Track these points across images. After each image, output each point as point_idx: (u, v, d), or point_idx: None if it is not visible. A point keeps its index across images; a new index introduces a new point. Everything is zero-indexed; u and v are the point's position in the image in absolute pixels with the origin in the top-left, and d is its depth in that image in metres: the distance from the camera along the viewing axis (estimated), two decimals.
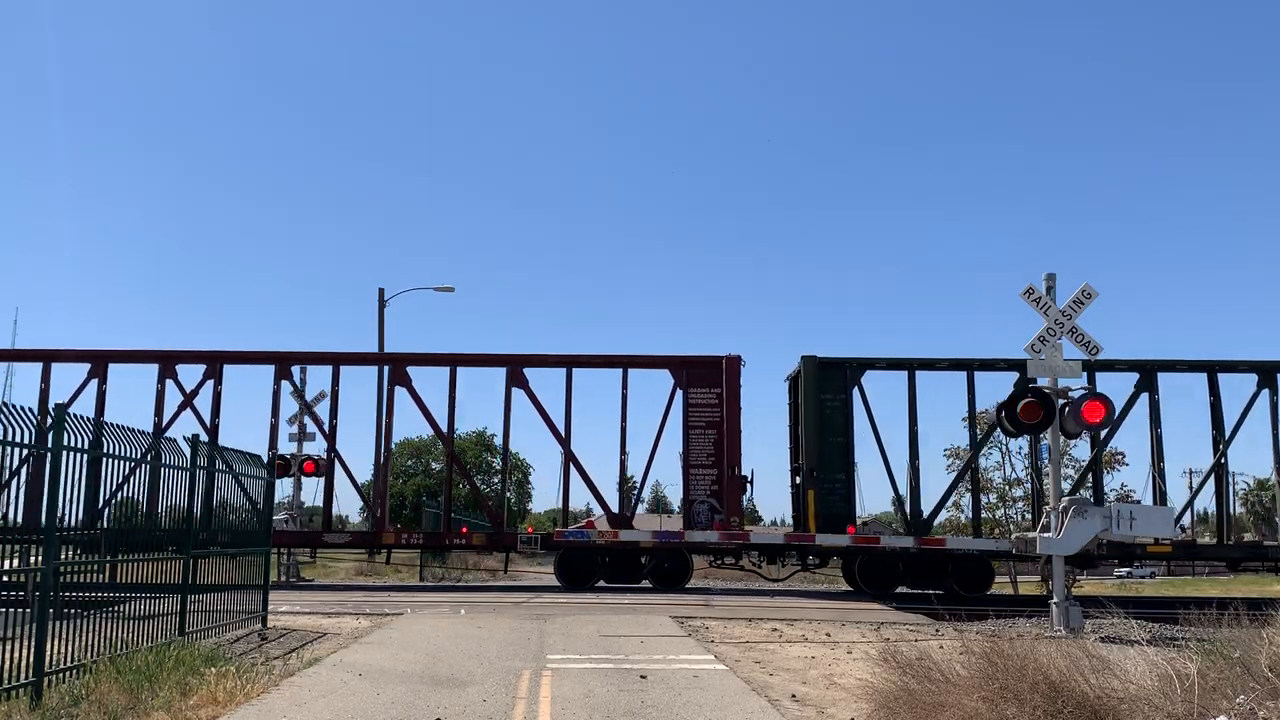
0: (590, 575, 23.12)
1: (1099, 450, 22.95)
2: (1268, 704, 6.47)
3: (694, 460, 23.33)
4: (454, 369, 23.89)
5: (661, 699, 8.97)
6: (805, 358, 22.67)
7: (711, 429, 23.30)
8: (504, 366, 23.89)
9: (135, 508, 10.60)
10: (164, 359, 23.96)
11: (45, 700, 7.94)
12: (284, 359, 24.21)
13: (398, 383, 23.87)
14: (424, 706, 8.47)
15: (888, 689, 8.12)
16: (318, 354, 24.75)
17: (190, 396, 23.84)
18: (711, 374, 23.53)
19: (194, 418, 23.88)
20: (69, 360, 23.91)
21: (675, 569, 23.08)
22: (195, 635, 11.50)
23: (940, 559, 21.87)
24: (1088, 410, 15.05)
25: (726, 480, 22.86)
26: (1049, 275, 15.60)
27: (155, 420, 23.66)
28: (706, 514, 23.12)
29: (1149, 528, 15.31)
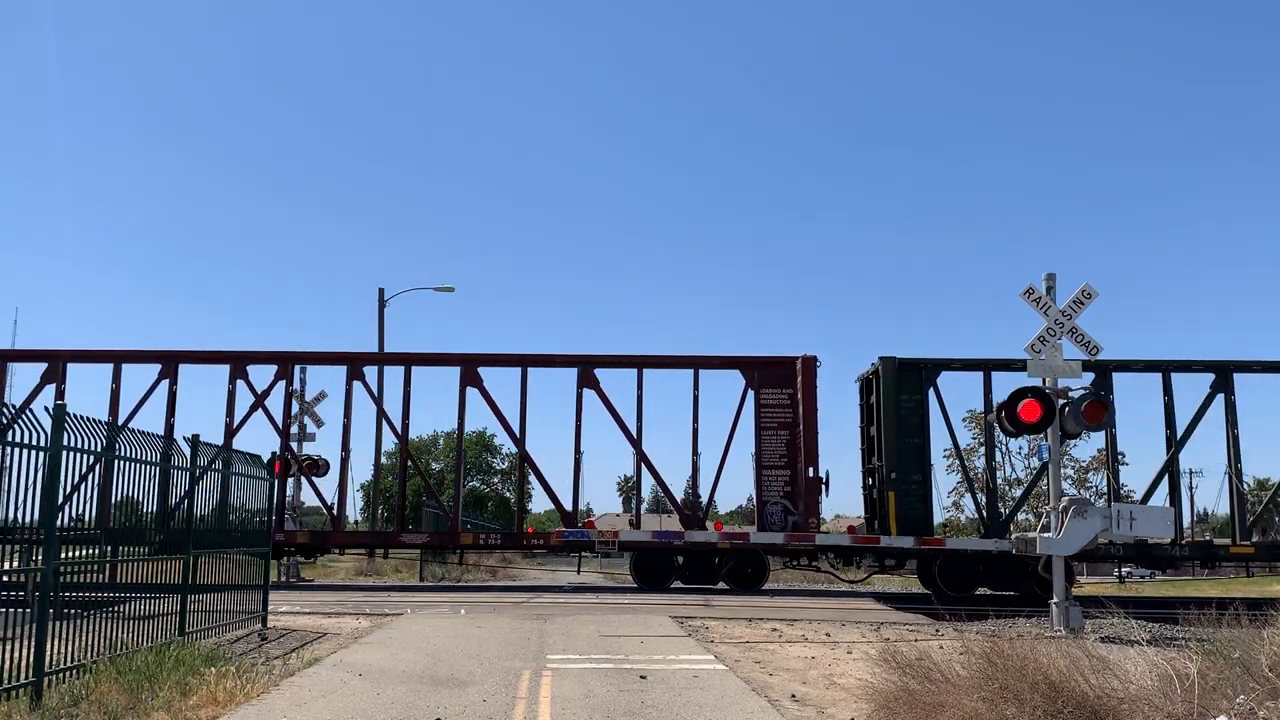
0: (666, 576, 22.96)
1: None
2: (1268, 704, 6.46)
3: (766, 461, 23.25)
4: (525, 369, 23.82)
5: (661, 699, 8.97)
6: (884, 359, 22.38)
7: (783, 430, 23.23)
8: (575, 367, 23.83)
9: (136, 506, 10.59)
10: (236, 359, 24.06)
11: (45, 700, 7.93)
12: (355, 359, 24.25)
13: (469, 383, 23.81)
14: (424, 706, 8.47)
15: (888, 689, 8.11)
16: (392, 355, 24.68)
17: (262, 397, 23.95)
18: (783, 374, 23.48)
19: (265, 418, 24.09)
20: (139, 361, 24.16)
21: (752, 571, 22.89)
22: (195, 635, 11.50)
23: (1021, 560, 21.32)
24: (1088, 410, 15.05)
25: (804, 481, 22.61)
26: (1049, 275, 15.61)
27: (226, 421, 23.90)
28: (780, 515, 23.00)
29: (1149, 528, 15.30)
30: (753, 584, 22.87)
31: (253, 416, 24.14)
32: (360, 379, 24.05)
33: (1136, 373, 22.65)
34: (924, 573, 22.52)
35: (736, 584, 22.76)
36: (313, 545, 24.62)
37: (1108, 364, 22.11)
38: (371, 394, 24.54)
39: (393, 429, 24.57)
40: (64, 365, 23.80)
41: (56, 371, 23.76)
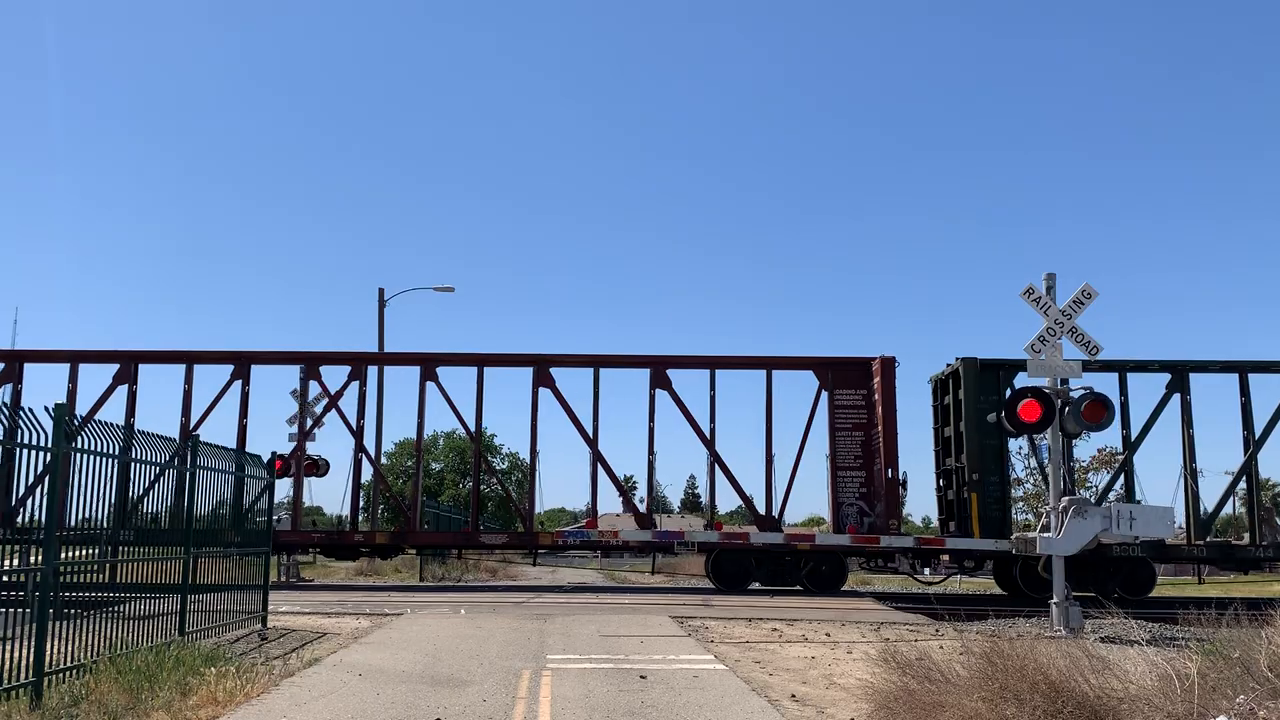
0: (745, 577, 22.84)
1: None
2: (1268, 704, 6.47)
3: (841, 462, 23.15)
4: (597, 370, 23.77)
5: (661, 699, 8.98)
6: (965, 359, 22.33)
7: (858, 430, 23.15)
8: (648, 368, 23.77)
9: (136, 506, 10.60)
10: (309, 360, 24.13)
11: (45, 700, 7.94)
12: (430, 359, 24.16)
13: (541, 384, 23.76)
14: (424, 706, 8.47)
15: (888, 689, 8.12)
16: (462, 355, 24.47)
17: (335, 397, 23.93)
18: (857, 375, 23.39)
19: (339, 418, 24.13)
20: (211, 362, 24.27)
21: (832, 572, 22.73)
22: (195, 635, 11.50)
23: (1105, 562, 21.38)
24: (1088, 410, 15.06)
25: (883, 482, 22.45)
26: (1049, 275, 15.60)
27: (299, 420, 24.00)
28: (856, 516, 22.92)
29: (1149, 528, 15.30)
30: (832, 585, 22.58)
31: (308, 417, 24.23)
32: (434, 379, 23.90)
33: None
34: (1002, 574, 22.23)
35: (815, 585, 22.49)
36: (390, 545, 24.49)
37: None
38: (445, 393, 24.25)
39: (465, 428, 24.42)
40: (135, 366, 23.87)
41: (129, 372, 23.83)
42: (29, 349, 24.19)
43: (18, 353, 23.98)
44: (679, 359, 24.06)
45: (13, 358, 23.83)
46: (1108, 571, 21.40)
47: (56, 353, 24.19)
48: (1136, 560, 21.62)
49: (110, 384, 23.63)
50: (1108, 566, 21.44)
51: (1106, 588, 20.95)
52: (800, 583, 22.58)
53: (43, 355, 24.25)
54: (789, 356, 24.20)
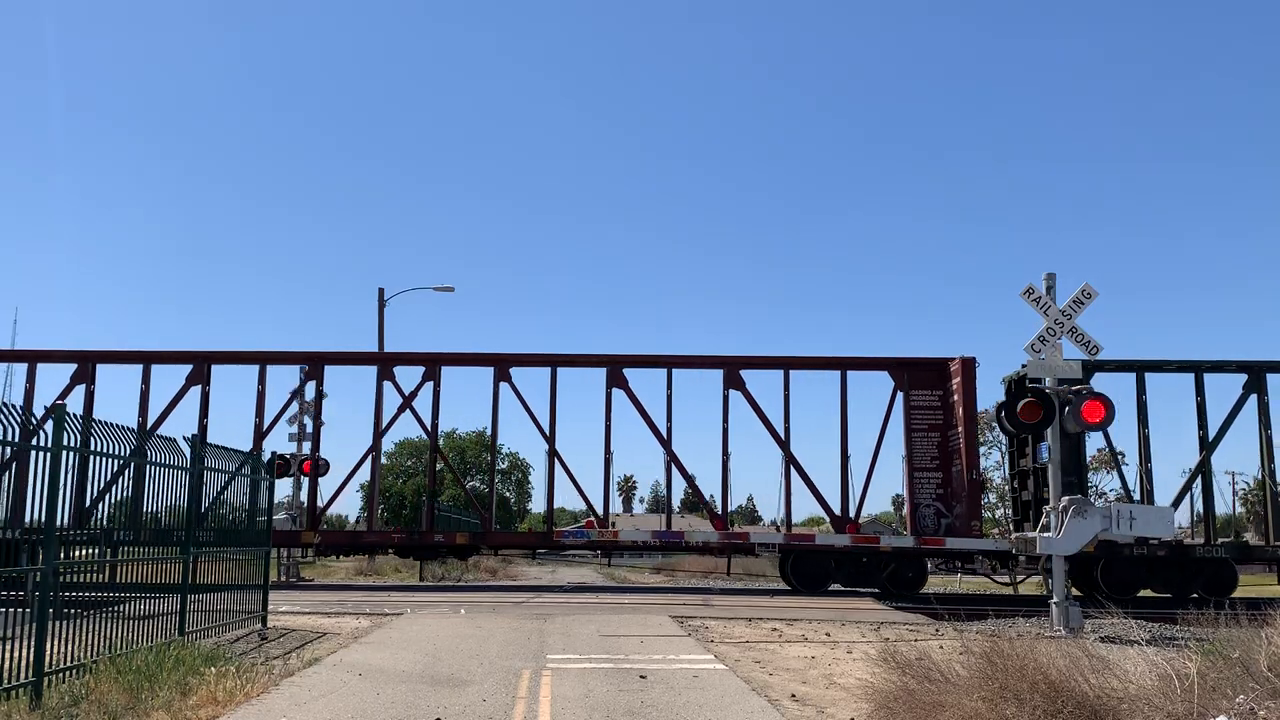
0: (825, 579, 22.69)
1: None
2: (1267, 704, 6.47)
3: (917, 463, 23.05)
4: (670, 371, 23.73)
5: (661, 699, 8.98)
6: None
7: (934, 431, 23.07)
8: (720, 369, 23.69)
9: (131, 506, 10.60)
10: (383, 360, 24.14)
11: (45, 700, 7.93)
12: (500, 360, 24.15)
13: (615, 385, 23.70)
14: (424, 706, 8.47)
15: (887, 689, 8.12)
16: (535, 356, 24.44)
17: (409, 398, 23.88)
18: (933, 376, 23.32)
19: (413, 419, 24.11)
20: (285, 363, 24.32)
21: (913, 574, 22.62)
22: (195, 635, 11.50)
23: (1188, 563, 21.22)
24: (1088, 410, 15.06)
25: (965, 483, 22.30)
26: (1049, 275, 15.60)
27: (376, 420, 23.99)
28: (932, 517, 22.81)
29: (1148, 528, 15.30)
30: (913, 587, 22.41)
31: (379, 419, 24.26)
32: (508, 380, 23.88)
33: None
34: (1082, 575, 22.02)
35: (896, 586, 22.30)
36: (469, 546, 24.48)
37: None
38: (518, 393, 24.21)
39: (542, 433, 24.14)
40: (208, 367, 23.97)
41: (201, 372, 23.97)
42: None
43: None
44: (752, 359, 23.98)
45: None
46: (1190, 573, 21.24)
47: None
48: (1219, 561, 21.42)
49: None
50: (1190, 568, 21.29)
51: (1188, 589, 20.79)
52: (880, 585, 22.34)
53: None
54: (864, 357, 24.05)
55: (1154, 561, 21.24)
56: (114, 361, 24.39)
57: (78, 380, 23.71)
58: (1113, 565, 21.31)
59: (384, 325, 34.56)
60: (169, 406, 23.95)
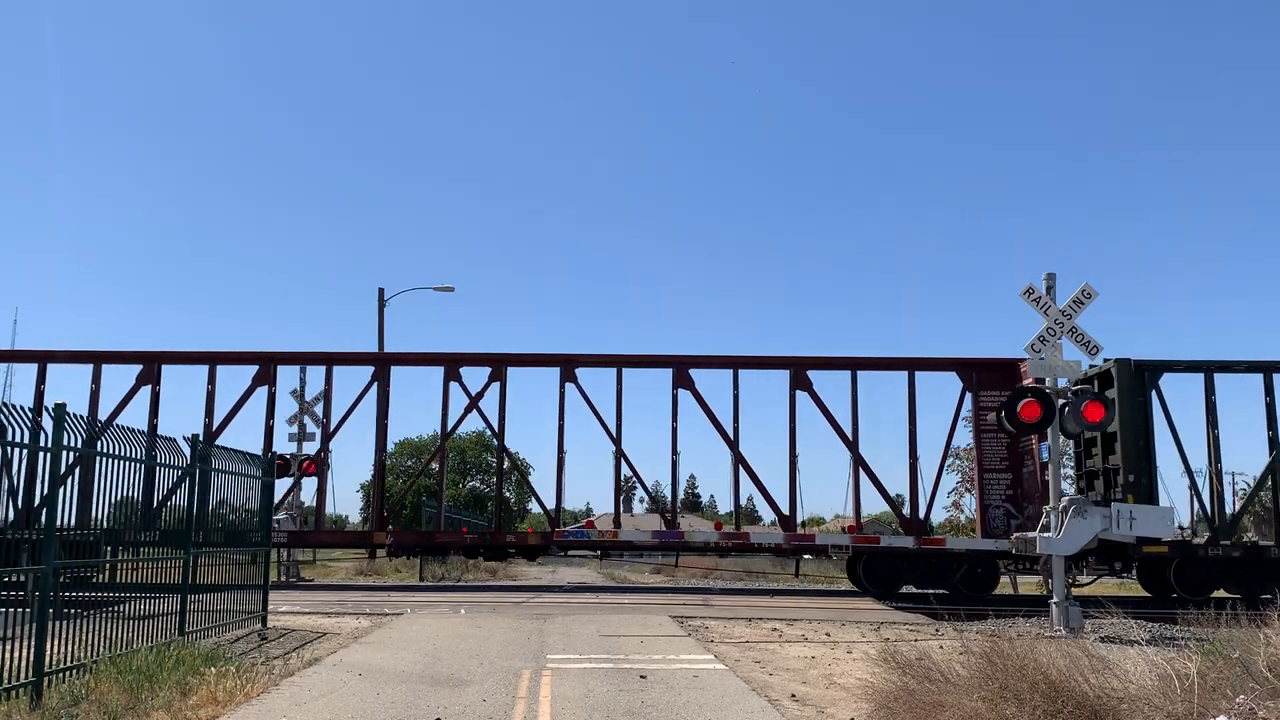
0: (898, 581, 22.54)
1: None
2: (1267, 704, 6.47)
3: (987, 464, 22.95)
4: (736, 371, 23.68)
5: (661, 699, 8.98)
6: (1119, 361, 22.00)
7: (1003, 433, 23.02)
8: (788, 369, 23.63)
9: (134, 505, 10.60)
10: (448, 361, 24.10)
11: (45, 700, 7.94)
12: (566, 360, 24.04)
13: (681, 385, 23.61)
14: (424, 706, 8.48)
15: (887, 689, 8.12)
16: (601, 356, 24.33)
17: (475, 399, 23.86)
18: (1002, 376, 23.19)
19: (480, 419, 24.10)
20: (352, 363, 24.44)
21: (987, 575, 22.47)
22: (195, 635, 11.51)
23: (1263, 564, 21.04)
24: (1088, 410, 15.07)
25: (1040, 484, 22.09)
26: (1049, 275, 15.62)
27: (442, 421, 23.98)
28: (1002, 519, 22.74)
29: (1148, 528, 15.31)
30: (985, 588, 22.30)
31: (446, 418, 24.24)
32: (574, 380, 23.82)
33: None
34: (1154, 576, 21.92)
35: (969, 588, 22.17)
36: (539, 547, 24.40)
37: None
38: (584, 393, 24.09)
39: (608, 430, 23.98)
40: (274, 368, 24.05)
41: (268, 374, 24.05)
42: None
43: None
44: (819, 360, 23.88)
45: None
46: (1265, 574, 21.06)
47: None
48: None
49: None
50: (1265, 569, 21.12)
51: (1262, 590, 20.54)
52: (953, 586, 22.24)
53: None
54: (933, 358, 23.97)
55: (1229, 563, 21.15)
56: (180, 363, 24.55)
57: (143, 381, 23.85)
58: (1186, 566, 21.24)
59: (384, 325, 34.61)
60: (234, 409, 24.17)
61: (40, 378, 23.66)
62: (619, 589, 26.92)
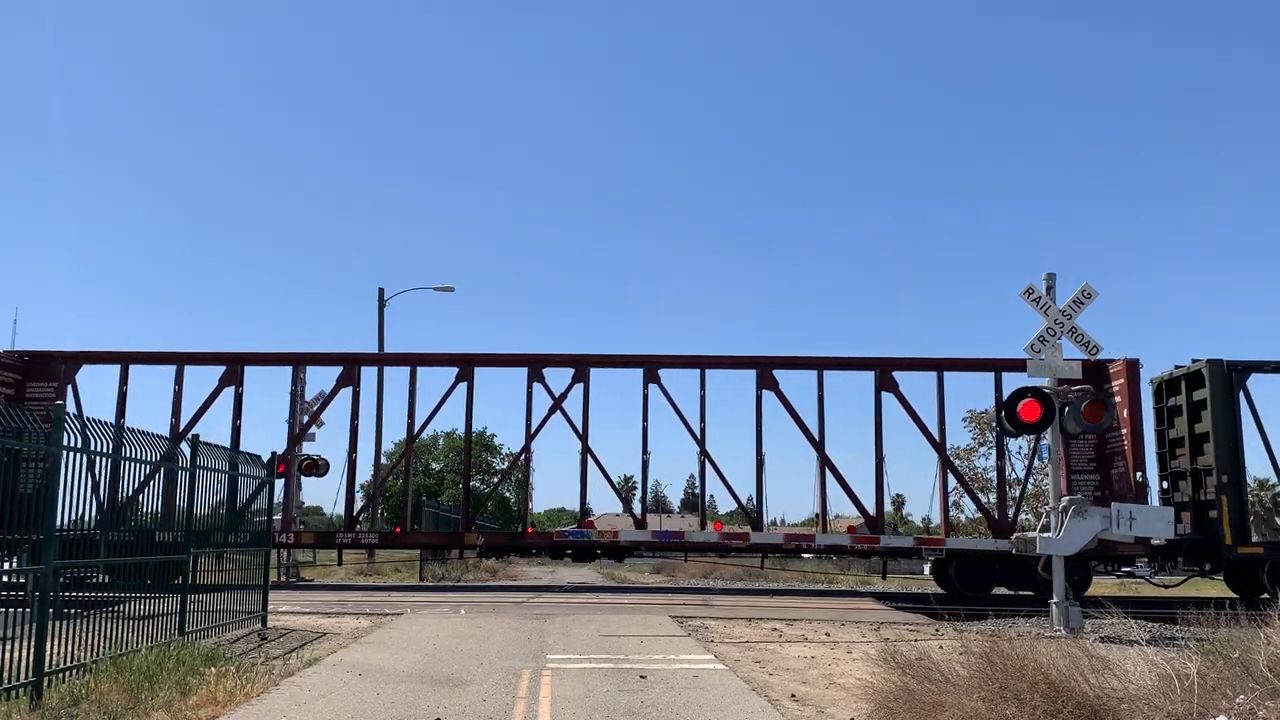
0: (988, 584, 22.45)
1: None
2: (1267, 704, 6.47)
3: (1074, 466, 22.89)
4: (821, 372, 23.53)
5: (661, 699, 8.98)
6: (1211, 361, 22.05)
7: (1089, 434, 22.48)
8: (872, 370, 23.50)
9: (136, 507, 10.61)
10: (533, 362, 24.04)
11: (45, 700, 7.94)
12: (649, 361, 23.86)
13: (765, 386, 23.47)
14: (424, 706, 8.47)
15: (887, 689, 8.12)
16: (684, 357, 24.18)
17: (560, 400, 23.76)
18: (1089, 377, 22.54)
19: (564, 420, 23.92)
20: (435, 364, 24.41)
21: (1080, 578, 22.15)
22: (195, 635, 11.51)
23: None
24: (1088, 410, 15.07)
25: (1132, 486, 22.02)
26: (1049, 275, 15.62)
27: (527, 420, 23.91)
28: None
29: (1148, 528, 15.31)
30: (1077, 590, 21.83)
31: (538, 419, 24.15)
32: (657, 381, 23.67)
33: None
34: (1243, 576, 21.77)
35: None
36: (625, 548, 24.24)
37: None
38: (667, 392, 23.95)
39: (693, 434, 23.81)
40: (359, 369, 24.09)
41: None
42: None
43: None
44: (904, 361, 23.73)
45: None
46: None
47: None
48: None
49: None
50: None
51: None
52: (1043, 588, 21.80)
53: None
54: (1019, 359, 23.82)
55: None
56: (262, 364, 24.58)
57: (226, 382, 23.86)
58: None
59: (384, 325, 34.64)
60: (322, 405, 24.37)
61: (123, 379, 23.67)
62: (619, 589, 26.92)
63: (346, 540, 23.90)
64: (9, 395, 22.59)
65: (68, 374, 23.52)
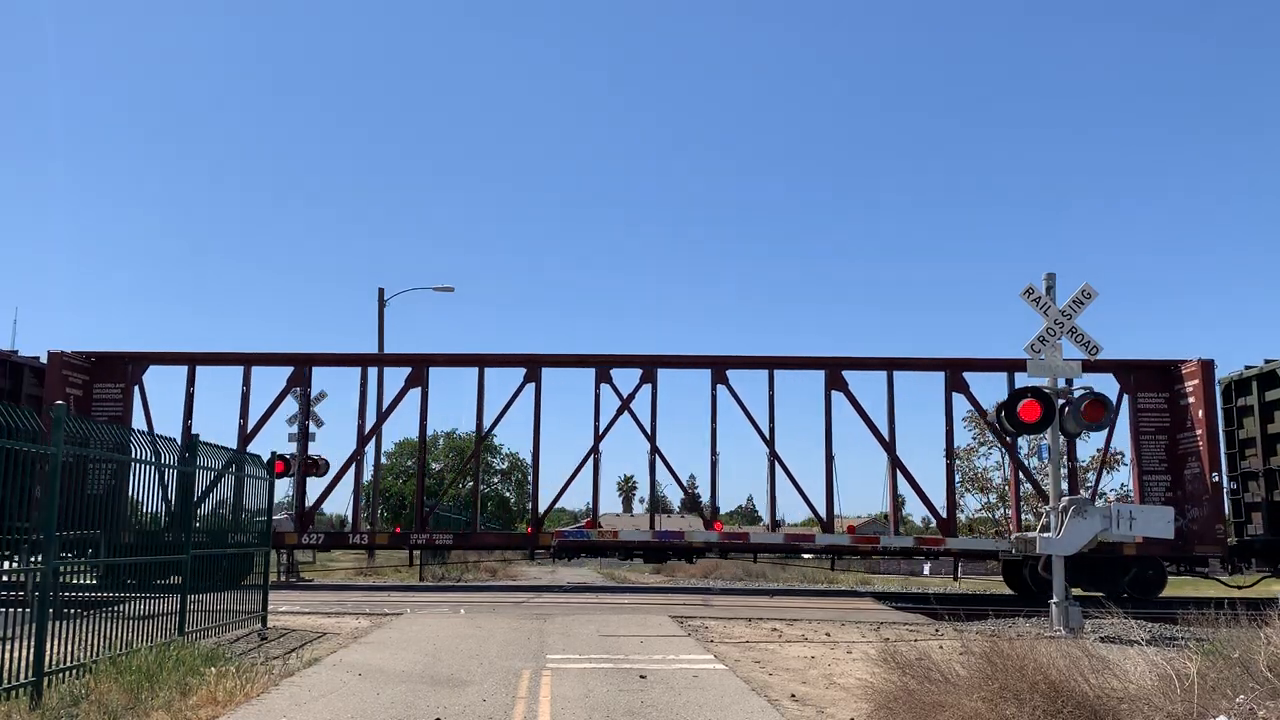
0: None
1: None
2: (1267, 704, 6.47)
3: (1145, 466, 22.84)
4: (890, 373, 23.46)
5: (661, 699, 8.98)
6: None
7: (1162, 435, 22.81)
8: (943, 371, 23.45)
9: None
10: (599, 363, 23.95)
11: (45, 700, 7.94)
12: (717, 362, 23.82)
13: (834, 387, 23.34)
14: (424, 706, 8.47)
15: (887, 689, 8.12)
16: (753, 358, 24.04)
17: (627, 400, 23.69)
18: (1160, 378, 23.04)
19: (631, 420, 23.76)
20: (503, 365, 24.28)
21: (1157, 578, 22.17)
22: (195, 635, 11.51)
23: None
24: (1088, 410, 15.07)
25: (1208, 486, 21.91)
26: (1049, 275, 15.61)
27: (595, 421, 23.75)
28: None
29: (1148, 528, 15.31)
30: (1154, 590, 22.07)
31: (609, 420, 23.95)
32: (725, 382, 23.57)
33: None
34: None
35: (1138, 591, 21.86)
36: (699, 550, 23.84)
37: None
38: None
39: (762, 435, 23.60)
40: (427, 370, 23.95)
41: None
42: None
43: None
44: (976, 361, 23.64)
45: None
46: None
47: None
48: None
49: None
50: None
51: None
52: (1122, 589, 21.96)
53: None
54: (1091, 360, 23.79)
55: None
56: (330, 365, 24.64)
57: (293, 382, 23.87)
58: None
59: (384, 325, 34.64)
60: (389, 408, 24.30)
61: (190, 380, 23.68)
62: (618, 589, 26.92)
63: (420, 541, 23.86)
64: (77, 396, 22.70)
65: (134, 375, 23.55)
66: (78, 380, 22.92)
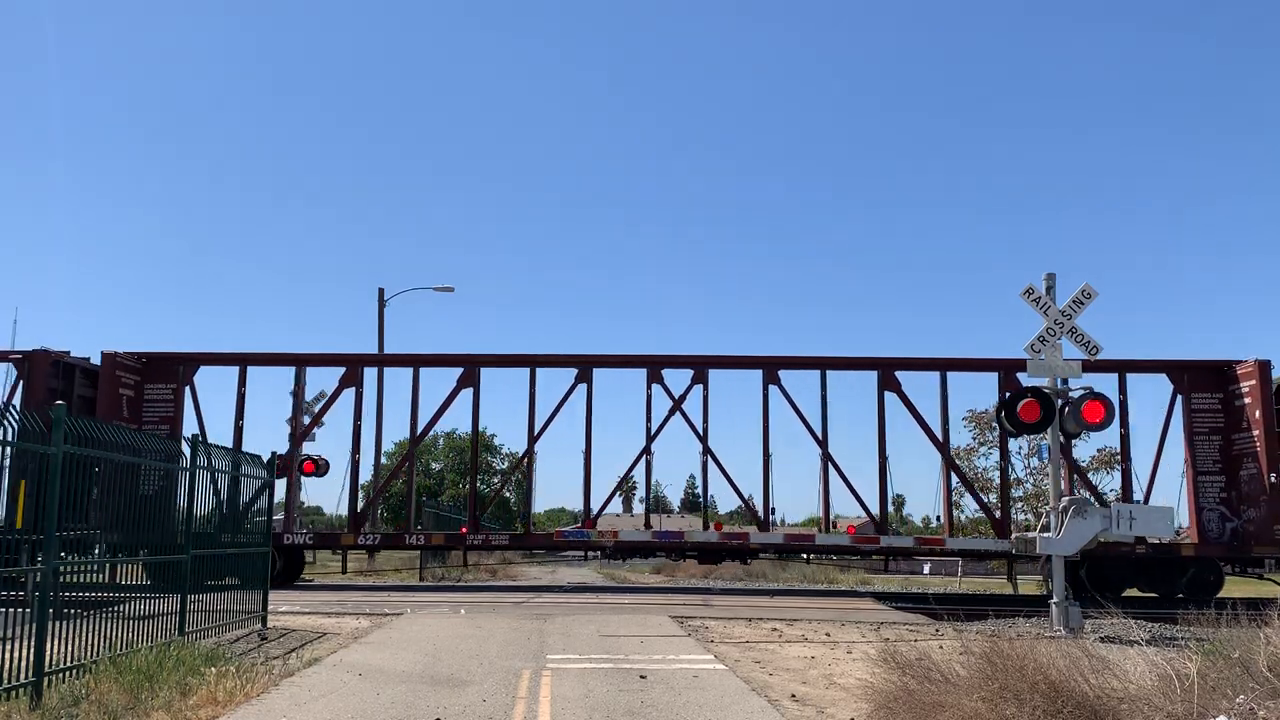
0: (1123, 585, 22.26)
1: None
2: (1267, 704, 6.47)
3: (1200, 467, 22.78)
4: (944, 374, 23.48)
5: (661, 699, 8.98)
6: None
7: (1215, 435, 22.75)
8: (996, 371, 23.34)
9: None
10: (651, 363, 23.76)
11: (45, 700, 7.94)
12: (769, 363, 23.73)
13: (887, 388, 23.34)
14: (424, 706, 8.47)
15: (887, 689, 8.12)
16: (805, 359, 24.06)
17: (679, 401, 23.65)
18: (1214, 379, 22.98)
19: (684, 421, 23.68)
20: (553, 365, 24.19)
21: (1215, 580, 22.11)
22: (195, 635, 11.50)
23: None
24: (1088, 410, 15.07)
25: (1269, 486, 21.79)
26: (1049, 275, 15.62)
27: (646, 420, 23.71)
28: (1217, 521, 22.49)
29: (1149, 528, 15.31)
30: (1212, 591, 21.95)
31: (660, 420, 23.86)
32: (777, 383, 23.54)
33: None
34: None
35: (1195, 593, 21.74)
36: (751, 550, 23.90)
37: None
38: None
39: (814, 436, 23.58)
40: (479, 371, 23.95)
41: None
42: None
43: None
44: (1023, 362, 23.63)
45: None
46: None
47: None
48: None
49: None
50: None
51: None
52: (1180, 590, 21.91)
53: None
54: (1143, 360, 23.63)
55: None
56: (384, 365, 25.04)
57: (345, 384, 23.82)
58: None
59: (384, 325, 34.63)
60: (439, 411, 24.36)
61: (241, 380, 23.66)
62: (618, 589, 26.92)
63: (476, 541, 23.77)
64: (129, 397, 22.86)
65: (185, 375, 23.62)
66: (129, 381, 23.03)
